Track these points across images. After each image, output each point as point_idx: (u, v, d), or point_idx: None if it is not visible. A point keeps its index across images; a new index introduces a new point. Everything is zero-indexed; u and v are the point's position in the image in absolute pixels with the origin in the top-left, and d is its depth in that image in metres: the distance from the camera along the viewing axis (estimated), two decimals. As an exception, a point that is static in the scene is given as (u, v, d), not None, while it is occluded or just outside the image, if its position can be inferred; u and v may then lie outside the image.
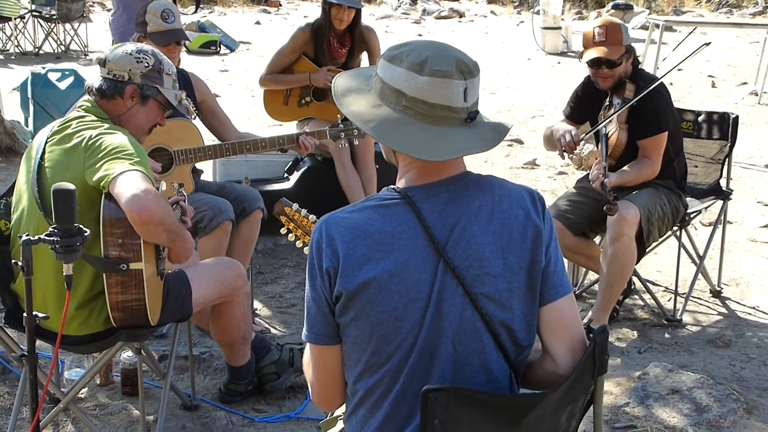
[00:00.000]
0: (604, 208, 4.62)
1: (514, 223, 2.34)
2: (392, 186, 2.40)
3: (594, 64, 4.92)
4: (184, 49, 6.27)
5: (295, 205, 3.01)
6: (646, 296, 5.46)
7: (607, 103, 5.04)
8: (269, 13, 24.07)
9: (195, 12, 6.90)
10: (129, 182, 3.26)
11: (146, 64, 3.73)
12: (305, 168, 6.44)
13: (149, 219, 3.25)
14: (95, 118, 3.62)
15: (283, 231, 3.03)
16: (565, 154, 5.04)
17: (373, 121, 2.33)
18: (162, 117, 3.88)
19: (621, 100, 4.92)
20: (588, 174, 5.07)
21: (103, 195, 3.33)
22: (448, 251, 2.29)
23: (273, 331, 5.13)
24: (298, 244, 3.00)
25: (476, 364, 2.33)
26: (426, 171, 2.36)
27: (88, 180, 3.36)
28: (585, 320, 4.85)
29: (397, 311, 2.28)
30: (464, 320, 2.30)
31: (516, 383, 2.41)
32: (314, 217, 2.95)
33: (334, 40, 6.25)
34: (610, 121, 4.92)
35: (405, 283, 2.27)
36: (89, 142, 3.44)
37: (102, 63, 3.73)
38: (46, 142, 3.57)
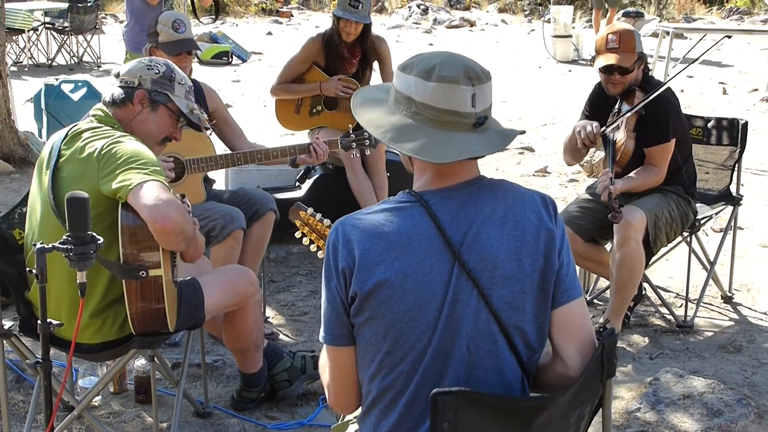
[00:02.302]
0: (609, 216, 4.64)
1: (527, 227, 2.38)
2: (407, 190, 2.43)
3: (606, 70, 4.91)
4: (196, 59, 6.32)
5: (310, 210, 3.04)
6: (658, 302, 5.46)
7: (616, 109, 5.04)
8: (281, 23, 24.14)
9: (214, 21, 6.94)
10: (149, 192, 3.29)
11: (157, 71, 3.78)
12: (317, 176, 6.46)
13: (172, 229, 3.28)
14: (106, 127, 3.64)
15: (297, 235, 3.06)
16: (585, 147, 5.01)
17: (384, 127, 2.39)
18: (175, 129, 3.89)
19: (630, 107, 4.92)
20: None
21: (120, 204, 3.36)
22: (463, 253, 2.32)
23: (285, 338, 5.15)
24: (313, 248, 3.03)
25: (489, 366, 2.36)
26: (440, 175, 2.41)
27: (103, 190, 3.39)
28: (600, 321, 4.86)
29: (411, 312, 2.31)
30: (479, 322, 2.33)
31: (527, 385, 2.43)
32: (329, 221, 2.98)
33: (344, 51, 6.28)
34: (617, 127, 4.93)
35: (420, 284, 2.31)
36: (102, 152, 3.46)
37: (116, 75, 3.80)
38: (59, 152, 3.60)
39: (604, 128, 4.95)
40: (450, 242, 2.33)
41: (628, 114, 4.87)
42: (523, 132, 2.56)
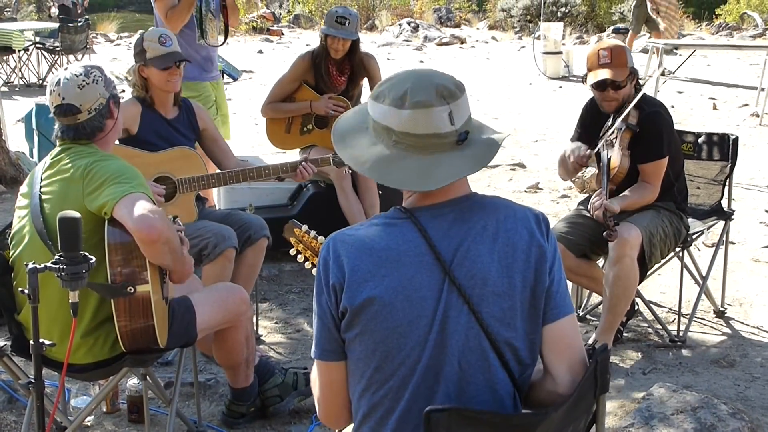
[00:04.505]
0: (604, 234, 4.63)
1: (519, 243, 2.38)
2: (398, 206, 2.44)
3: (599, 86, 4.91)
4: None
5: (305, 227, 3.05)
6: (650, 317, 5.46)
7: (608, 124, 5.04)
8: (272, 41, 24.19)
9: (223, 44, 6.95)
10: (134, 203, 3.31)
11: (99, 77, 3.68)
12: (309, 195, 6.47)
13: (157, 238, 3.28)
14: (84, 148, 3.64)
15: (292, 252, 3.07)
16: (578, 166, 5.03)
17: (368, 162, 2.38)
18: None
19: (624, 125, 4.91)
20: (590, 196, 5.09)
21: (106, 221, 3.36)
22: (453, 269, 2.33)
23: (277, 356, 5.14)
24: (307, 265, 3.04)
25: (481, 383, 2.35)
26: (430, 193, 2.40)
27: (88, 207, 3.39)
28: (590, 341, 4.86)
29: (401, 328, 2.31)
30: (470, 339, 2.33)
31: (519, 401, 2.43)
32: (323, 238, 2.99)
33: (333, 69, 6.32)
34: (610, 143, 4.93)
35: (410, 300, 2.31)
36: (86, 170, 3.47)
37: (73, 111, 3.62)
38: (41, 179, 3.60)
39: (597, 148, 4.96)
40: (441, 259, 2.33)
41: (619, 128, 4.87)
42: (507, 135, 2.54)
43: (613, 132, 4.92)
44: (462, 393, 2.35)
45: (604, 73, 4.85)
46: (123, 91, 3.96)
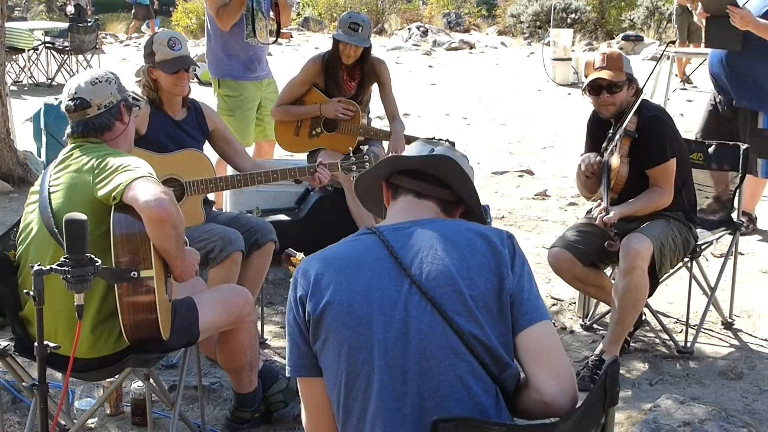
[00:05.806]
0: (605, 243, 4.63)
1: (479, 248, 2.47)
2: (367, 226, 2.61)
3: (594, 89, 4.92)
4: (195, 79, 6.30)
5: (300, 255, 3.13)
6: (658, 328, 5.43)
7: (610, 133, 5.03)
8: (281, 44, 24.17)
9: (274, 42, 6.99)
10: (147, 185, 3.34)
11: (113, 79, 3.82)
12: (316, 198, 6.45)
13: (167, 217, 3.30)
14: (96, 146, 3.69)
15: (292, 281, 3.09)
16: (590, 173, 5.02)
17: None
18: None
19: (623, 132, 4.89)
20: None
21: (113, 208, 3.37)
22: (414, 272, 2.41)
23: (282, 361, 5.12)
24: None
25: (454, 381, 2.37)
26: (397, 216, 2.61)
27: (95, 194, 3.42)
28: (596, 352, 4.83)
29: (360, 327, 2.38)
30: (436, 336, 2.37)
31: (501, 397, 2.43)
32: None
33: (344, 73, 6.30)
34: (612, 152, 4.91)
35: (368, 300, 2.39)
36: (97, 162, 3.52)
37: (83, 105, 3.72)
38: (52, 173, 3.64)
39: (602, 157, 4.94)
40: (401, 263, 2.43)
41: (620, 135, 4.86)
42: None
43: (614, 140, 4.91)
44: (435, 392, 2.36)
45: (599, 74, 4.87)
46: (139, 108, 3.97)
